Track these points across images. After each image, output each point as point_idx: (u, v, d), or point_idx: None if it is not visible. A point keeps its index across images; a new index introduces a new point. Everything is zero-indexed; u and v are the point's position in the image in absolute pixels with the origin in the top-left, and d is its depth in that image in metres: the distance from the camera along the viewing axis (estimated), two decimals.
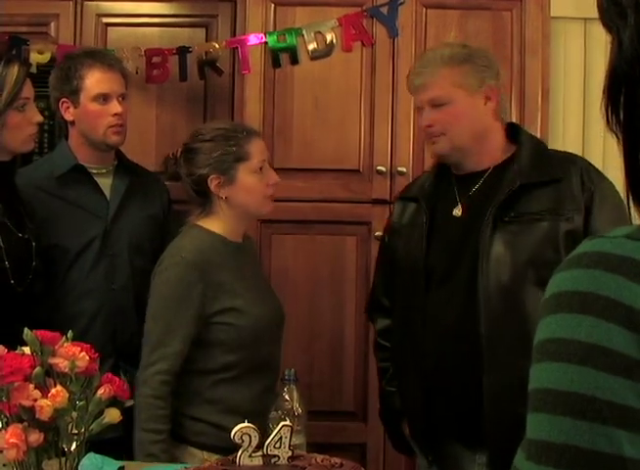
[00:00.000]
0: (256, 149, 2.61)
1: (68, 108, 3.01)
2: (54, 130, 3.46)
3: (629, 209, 0.86)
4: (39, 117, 2.73)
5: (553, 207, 2.34)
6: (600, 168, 3.49)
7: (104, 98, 2.97)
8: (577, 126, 3.60)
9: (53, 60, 3.36)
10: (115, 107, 2.96)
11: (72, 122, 3.03)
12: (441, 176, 2.57)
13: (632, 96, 0.83)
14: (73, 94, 2.97)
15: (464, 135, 2.45)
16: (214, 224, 2.62)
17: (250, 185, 2.59)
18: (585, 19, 3.59)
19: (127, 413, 2.02)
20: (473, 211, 2.44)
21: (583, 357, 0.76)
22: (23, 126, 2.70)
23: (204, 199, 2.64)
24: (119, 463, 2.18)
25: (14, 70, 2.65)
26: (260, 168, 2.60)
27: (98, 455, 2.15)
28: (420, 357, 2.43)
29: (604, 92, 0.86)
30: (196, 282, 2.49)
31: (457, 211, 2.48)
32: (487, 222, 2.35)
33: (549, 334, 0.80)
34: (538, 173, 2.39)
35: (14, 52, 3.33)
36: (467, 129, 2.45)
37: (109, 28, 3.64)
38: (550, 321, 0.80)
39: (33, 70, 3.19)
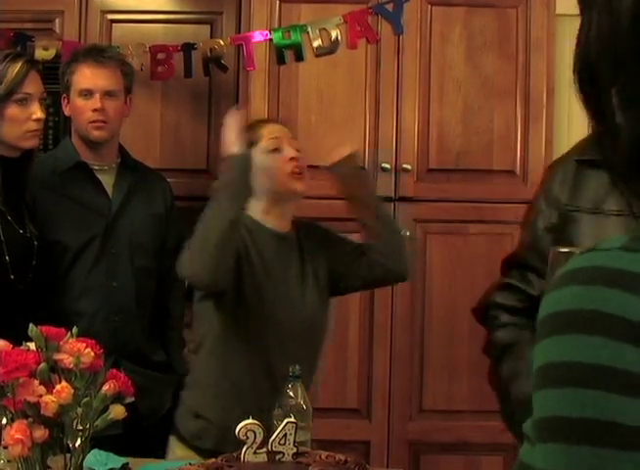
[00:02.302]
0: (268, 130, 2.61)
1: (67, 104, 3.03)
2: (59, 127, 3.46)
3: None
4: (39, 114, 2.74)
5: None
6: None
7: (87, 93, 2.98)
8: (583, 124, 3.59)
9: (58, 56, 3.37)
10: (95, 102, 2.97)
11: (70, 118, 3.06)
12: None
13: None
14: (67, 90, 3.00)
15: None
16: (252, 214, 2.60)
17: (265, 165, 2.56)
18: None
19: (130, 410, 2.02)
20: None
21: (594, 380, 0.72)
22: (22, 121, 2.72)
23: None
24: (123, 460, 2.18)
25: (16, 65, 2.69)
26: (276, 149, 2.58)
27: (102, 452, 2.16)
28: None
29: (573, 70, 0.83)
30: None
31: None
32: None
33: (551, 358, 0.75)
34: None
35: (19, 48, 3.33)
36: None
37: (113, 25, 3.64)
38: (550, 343, 0.75)
39: (39, 65, 3.20)
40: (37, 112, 2.73)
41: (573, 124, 3.58)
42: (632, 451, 0.70)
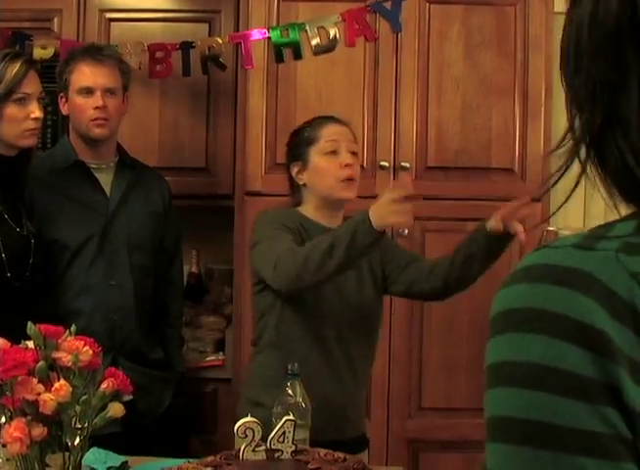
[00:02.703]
0: (328, 131, 2.62)
1: (65, 103, 3.03)
2: (57, 125, 3.46)
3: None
4: (38, 114, 2.75)
5: None
6: None
7: (87, 91, 2.98)
8: None
9: (56, 55, 3.37)
10: (97, 100, 2.97)
11: (68, 117, 3.06)
12: None
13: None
14: (65, 89, 3.01)
15: None
16: (303, 210, 2.64)
17: (320, 167, 2.60)
18: None
19: (128, 408, 2.02)
20: None
21: (537, 381, 0.71)
22: (20, 120, 2.73)
23: (294, 189, 2.68)
24: (123, 458, 2.18)
25: (15, 65, 2.71)
26: (333, 152, 2.59)
27: (102, 450, 2.16)
28: None
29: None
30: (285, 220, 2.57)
31: None
32: None
33: (499, 356, 0.75)
34: None
35: (17, 47, 3.33)
36: None
37: (112, 24, 3.64)
38: (499, 342, 0.75)
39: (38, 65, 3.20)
40: (36, 111, 2.74)
41: None
42: (573, 455, 0.69)
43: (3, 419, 1.85)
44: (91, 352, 1.87)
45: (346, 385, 2.63)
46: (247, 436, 1.96)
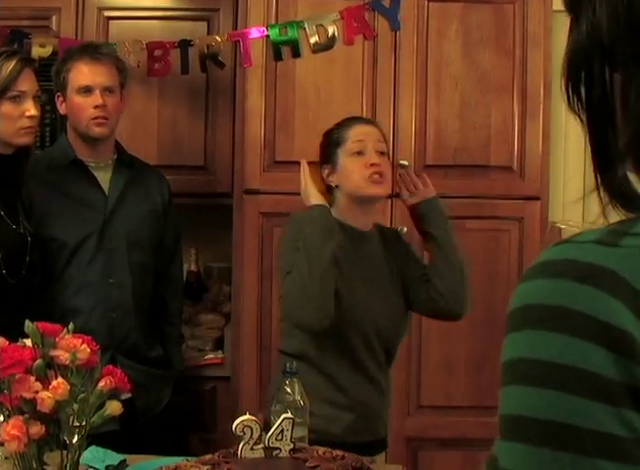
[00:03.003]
0: (354, 132, 2.63)
1: (62, 102, 3.03)
2: (56, 124, 3.46)
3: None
4: (33, 112, 2.74)
5: None
6: None
7: (86, 90, 2.97)
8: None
9: (54, 53, 3.36)
10: (97, 99, 2.96)
11: (66, 116, 3.06)
12: None
13: (592, 74, 0.79)
14: (63, 88, 3.00)
15: None
16: (336, 212, 2.63)
17: (347, 167, 2.61)
18: None
19: (127, 406, 2.02)
20: None
21: (558, 381, 0.69)
22: (15, 118, 2.73)
23: (329, 192, 2.68)
24: (121, 456, 2.18)
25: (10, 63, 2.71)
26: (360, 152, 2.60)
27: (100, 448, 2.15)
28: None
29: (563, 72, 0.81)
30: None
31: None
32: None
33: (517, 353, 0.72)
34: None
35: (15, 46, 3.33)
36: None
37: (110, 22, 3.64)
38: (517, 338, 0.72)
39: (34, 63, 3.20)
40: (31, 109, 2.74)
41: (571, 120, 3.56)
42: (593, 457, 0.68)
43: (1, 417, 1.85)
44: (89, 350, 1.86)
45: (379, 387, 2.66)
46: (245, 434, 1.96)
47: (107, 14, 3.64)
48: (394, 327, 2.70)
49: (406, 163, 3.30)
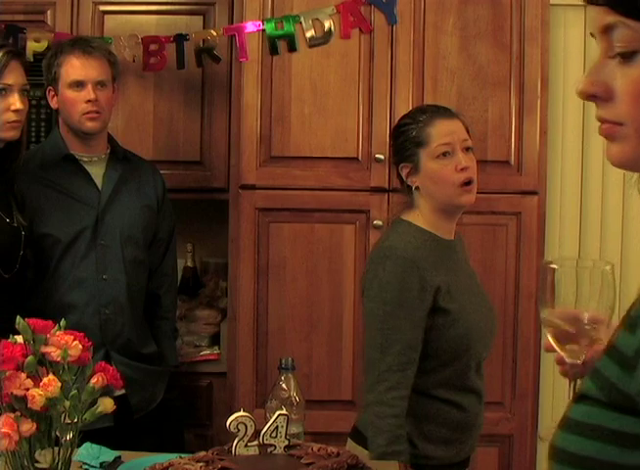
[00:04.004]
0: (438, 131, 2.40)
1: (54, 96, 3.01)
2: (51, 118, 3.45)
3: None
4: (19, 105, 2.73)
5: None
6: (599, 158, 3.45)
7: (78, 85, 2.96)
8: (577, 115, 3.58)
9: (49, 48, 3.34)
10: (89, 93, 2.95)
11: (57, 110, 3.04)
12: None
13: None
14: (54, 82, 2.99)
15: None
16: (420, 219, 2.44)
17: (434, 173, 2.39)
18: (585, 5, 3.56)
19: (119, 403, 2.00)
20: None
21: None
22: (1, 112, 2.70)
23: (407, 189, 2.47)
24: (116, 453, 2.17)
25: None
26: (445, 154, 2.39)
27: (95, 445, 2.15)
28: None
29: None
30: (416, 282, 2.32)
31: None
32: None
33: None
34: None
35: (10, 40, 3.31)
36: None
37: (105, 16, 3.62)
38: None
39: (30, 58, 3.19)
40: (16, 103, 2.72)
41: (568, 114, 3.56)
42: None
43: None
44: (81, 346, 1.85)
45: (483, 400, 2.51)
46: (239, 430, 1.94)
47: (102, 8, 3.62)
48: (495, 331, 2.56)
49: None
